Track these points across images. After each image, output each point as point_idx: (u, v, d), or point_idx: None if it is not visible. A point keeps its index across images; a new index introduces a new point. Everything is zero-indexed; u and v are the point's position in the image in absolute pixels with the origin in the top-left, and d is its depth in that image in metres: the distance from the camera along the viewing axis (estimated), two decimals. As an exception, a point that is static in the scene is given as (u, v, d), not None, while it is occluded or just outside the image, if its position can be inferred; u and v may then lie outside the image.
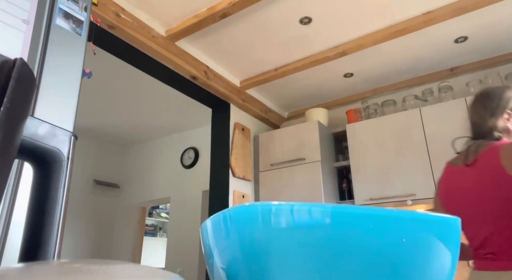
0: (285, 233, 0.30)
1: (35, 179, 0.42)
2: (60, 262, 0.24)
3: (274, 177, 3.09)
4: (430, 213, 0.31)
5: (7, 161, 0.31)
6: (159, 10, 2.30)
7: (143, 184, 4.75)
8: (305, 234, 0.30)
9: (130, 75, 3.21)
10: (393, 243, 0.29)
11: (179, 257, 3.98)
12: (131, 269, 0.23)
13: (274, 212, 0.30)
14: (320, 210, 0.30)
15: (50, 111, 0.76)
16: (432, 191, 2.51)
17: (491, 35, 2.55)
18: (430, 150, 2.58)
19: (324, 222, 0.29)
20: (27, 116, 0.38)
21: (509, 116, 1.26)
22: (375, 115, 3.08)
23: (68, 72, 0.82)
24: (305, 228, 0.30)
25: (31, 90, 0.35)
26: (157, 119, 4.22)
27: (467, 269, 2.53)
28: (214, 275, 0.36)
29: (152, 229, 6.66)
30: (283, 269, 0.30)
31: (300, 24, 2.41)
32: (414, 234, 0.30)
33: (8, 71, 0.30)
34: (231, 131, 3.12)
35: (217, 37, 2.56)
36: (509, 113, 1.26)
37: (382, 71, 2.98)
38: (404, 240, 0.29)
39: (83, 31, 0.87)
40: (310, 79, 3.11)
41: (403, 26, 2.36)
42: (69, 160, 0.44)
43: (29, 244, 0.40)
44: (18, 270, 0.21)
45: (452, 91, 2.82)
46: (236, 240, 0.32)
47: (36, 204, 0.41)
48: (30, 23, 0.77)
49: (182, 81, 2.74)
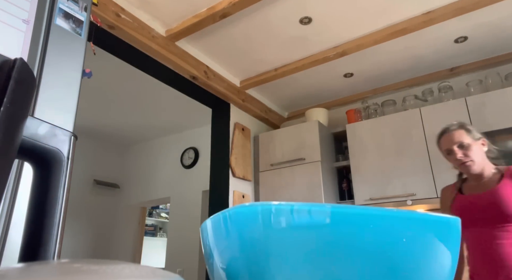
0: (285, 233, 0.30)
1: (35, 179, 0.42)
2: (60, 262, 0.24)
3: (274, 177, 3.09)
4: (430, 213, 0.31)
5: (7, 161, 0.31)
6: (159, 10, 2.30)
7: (143, 184, 4.75)
8: (305, 234, 0.30)
9: (130, 75, 3.21)
10: (393, 243, 0.29)
11: (179, 257, 3.98)
12: (131, 269, 0.23)
13: (274, 212, 0.30)
14: (320, 210, 0.30)
15: (50, 111, 0.76)
16: (432, 191, 2.50)
17: (491, 35, 2.55)
18: (430, 150, 2.58)
19: (324, 222, 0.29)
20: (27, 116, 0.38)
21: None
22: (375, 115, 3.08)
23: (68, 72, 0.82)
24: (305, 228, 0.30)
25: (31, 90, 0.35)
26: (157, 119, 4.22)
27: (467, 269, 2.52)
28: (214, 275, 0.36)
29: (152, 229, 6.66)
30: (283, 269, 0.30)
31: (300, 24, 2.41)
32: (414, 234, 0.30)
33: (8, 71, 0.30)
34: (231, 131, 3.12)
35: (217, 37, 2.56)
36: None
37: (382, 71, 2.98)
38: (404, 240, 0.29)
39: (83, 31, 0.87)
40: (310, 79, 3.11)
41: (403, 26, 2.36)
42: (69, 160, 0.44)
43: (29, 244, 0.40)
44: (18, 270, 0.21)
45: (452, 91, 2.82)
46: (236, 240, 0.32)
47: (36, 204, 0.41)
48: (30, 23, 0.77)
49: (182, 81, 2.74)
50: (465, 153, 1.46)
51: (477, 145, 1.48)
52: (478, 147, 1.48)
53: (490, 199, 1.37)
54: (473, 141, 1.48)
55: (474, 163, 1.45)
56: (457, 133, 1.49)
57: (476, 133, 1.50)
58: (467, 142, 1.47)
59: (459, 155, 1.46)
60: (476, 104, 2.51)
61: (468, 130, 1.50)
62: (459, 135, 1.48)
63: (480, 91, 2.67)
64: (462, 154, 1.46)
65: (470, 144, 1.47)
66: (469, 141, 1.47)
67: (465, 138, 1.47)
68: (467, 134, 1.48)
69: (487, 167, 1.47)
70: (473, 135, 1.49)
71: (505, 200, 1.33)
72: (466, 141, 1.47)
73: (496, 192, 1.37)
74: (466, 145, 1.46)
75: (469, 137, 1.48)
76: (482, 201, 1.40)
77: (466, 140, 1.47)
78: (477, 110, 2.50)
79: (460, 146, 1.47)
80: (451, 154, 1.50)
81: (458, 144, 1.47)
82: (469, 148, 1.46)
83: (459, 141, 1.47)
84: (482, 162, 1.46)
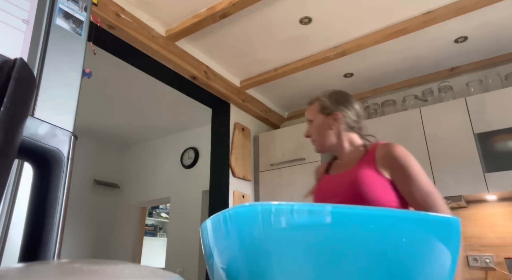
0: (285, 233, 0.30)
1: (35, 179, 0.42)
2: (60, 262, 0.24)
3: (274, 177, 3.09)
4: (430, 213, 0.31)
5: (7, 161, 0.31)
6: (159, 10, 2.30)
7: (143, 184, 4.75)
8: (305, 234, 0.30)
9: (130, 75, 3.21)
10: (393, 243, 0.29)
11: (179, 257, 3.98)
12: (131, 269, 0.23)
13: (274, 212, 0.30)
14: (320, 210, 0.30)
15: (50, 111, 0.76)
16: (432, 191, 2.50)
17: (491, 35, 2.55)
18: (430, 150, 2.58)
19: (324, 222, 0.29)
20: (27, 116, 0.38)
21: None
22: (375, 115, 3.08)
23: (68, 72, 0.82)
24: (305, 228, 0.30)
25: (31, 90, 0.35)
26: (157, 119, 4.22)
27: (467, 269, 2.53)
28: (214, 275, 0.36)
29: (152, 229, 6.66)
30: (283, 269, 0.30)
31: (300, 24, 2.41)
32: (414, 234, 0.30)
33: (8, 71, 0.30)
34: (231, 131, 3.12)
35: (217, 37, 2.56)
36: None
37: (382, 71, 2.98)
38: (404, 240, 0.29)
39: (83, 31, 0.87)
40: (310, 79, 3.11)
41: (403, 26, 2.36)
42: (69, 160, 0.44)
43: (29, 244, 0.40)
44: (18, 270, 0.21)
45: (452, 91, 2.82)
46: (236, 240, 0.32)
47: (36, 204, 0.41)
48: (30, 23, 0.77)
49: (182, 81, 2.74)
50: (309, 130, 1.31)
51: (323, 120, 1.28)
52: (323, 122, 1.28)
53: (346, 180, 1.14)
54: (320, 116, 1.29)
55: (315, 142, 1.30)
56: (309, 109, 1.33)
57: (333, 106, 1.28)
58: (310, 117, 1.31)
59: (305, 133, 1.33)
60: (476, 104, 2.51)
61: (322, 103, 1.30)
62: (309, 111, 1.33)
63: (480, 91, 2.67)
64: (307, 131, 1.32)
65: (312, 120, 1.30)
66: (312, 117, 1.30)
67: (311, 113, 1.31)
68: (318, 108, 1.30)
69: (347, 143, 1.27)
70: (327, 109, 1.29)
71: (360, 181, 1.09)
72: (309, 117, 1.32)
73: (352, 173, 1.14)
74: (310, 121, 1.32)
75: (319, 112, 1.29)
76: (336, 182, 1.18)
77: (310, 116, 1.31)
78: (477, 110, 2.50)
79: (309, 122, 1.33)
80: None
81: (308, 120, 1.33)
82: (312, 124, 1.31)
83: (307, 117, 1.33)
84: (329, 138, 1.27)
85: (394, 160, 1.09)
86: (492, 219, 2.54)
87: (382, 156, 1.12)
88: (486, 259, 2.46)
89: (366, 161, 1.15)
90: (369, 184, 1.08)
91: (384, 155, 1.11)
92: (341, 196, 1.12)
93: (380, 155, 1.12)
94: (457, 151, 2.48)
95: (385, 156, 1.11)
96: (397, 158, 1.09)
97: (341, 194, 1.12)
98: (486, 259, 2.46)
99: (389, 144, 1.14)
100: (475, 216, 2.61)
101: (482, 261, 2.47)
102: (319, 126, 1.28)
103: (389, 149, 1.12)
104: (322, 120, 1.28)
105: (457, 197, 2.42)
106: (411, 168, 1.07)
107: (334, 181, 1.19)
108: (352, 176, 1.12)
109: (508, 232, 2.47)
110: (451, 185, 2.44)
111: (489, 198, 2.53)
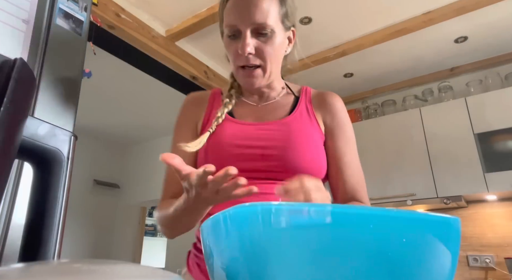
0: (285, 233, 0.30)
1: (35, 179, 0.42)
2: (60, 262, 0.24)
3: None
4: (430, 213, 0.31)
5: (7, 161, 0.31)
6: (159, 10, 2.30)
7: (143, 184, 4.75)
8: (305, 234, 0.30)
9: (130, 75, 3.21)
10: (393, 243, 0.29)
11: (179, 257, 3.98)
12: (131, 269, 0.23)
13: (274, 212, 0.30)
14: (320, 210, 0.30)
15: (50, 111, 0.76)
16: (432, 191, 2.51)
17: (491, 35, 2.55)
18: (430, 150, 2.58)
19: (324, 222, 0.29)
20: (27, 116, 0.38)
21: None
22: (375, 115, 3.08)
23: (68, 72, 0.82)
24: (305, 228, 0.30)
25: (31, 90, 0.35)
26: (157, 119, 4.22)
27: (467, 269, 2.53)
28: (214, 275, 0.36)
29: (152, 229, 6.66)
30: (283, 269, 0.30)
31: (300, 24, 2.40)
32: (414, 234, 0.30)
33: (8, 71, 0.30)
34: (231, 131, 3.11)
35: (217, 37, 2.56)
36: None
37: (382, 71, 2.98)
38: (404, 240, 0.29)
39: (83, 31, 0.87)
40: (310, 79, 3.11)
41: (403, 26, 2.36)
42: (69, 160, 0.44)
43: (29, 244, 0.40)
44: (18, 270, 0.21)
45: (452, 91, 2.82)
46: (236, 240, 0.32)
47: (36, 204, 0.41)
48: (30, 23, 0.77)
49: (182, 81, 2.74)
50: (259, 46, 0.77)
51: (284, 36, 0.82)
52: (284, 39, 0.82)
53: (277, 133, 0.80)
54: (281, 27, 0.80)
55: (265, 70, 0.81)
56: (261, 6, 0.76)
57: (293, 16, 0.84)
58: (262, 20, 0.75)
59: (248, 48, 0.76)
60: (476, 104, 2.51)
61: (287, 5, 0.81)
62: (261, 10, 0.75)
63: (480, 91, 2.68)
64: (253, 48, 0.77)
65: (274, 30, 0.77)
66: (270, 21, 0.76)
67: (269, 17, 0.76)
68: (280, 13, 0.79)
69: (278, 79, 0.91)
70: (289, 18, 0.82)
71: (301, 136, 0.80)
72: (261, 19, 0.75)
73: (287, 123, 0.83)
74: (268, 32, 0.77)
75: (280, 20, 0.79)
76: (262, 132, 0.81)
77: (263, 19, 0.75)
78: (477, 110, 2.50)
79: (256, 29, 0.77)
80: (235, 38, 0.81)
81: (256, 24, 0.76)
82: (270, 37, 0.77)
83: (259, 18, 0.75)
84: (277, 69, 0.86)
85: (337, 115, 0.87)
86: (492, 219, 2.54)
87: (323, 107, 0.88)
88: (486, 259, 2.46)
89: (302, 110, 0.87)
90: (309, 141, 0.80)
91: (325, 106, 0.88)
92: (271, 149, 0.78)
93: (320, 105, 0.88)
94: (457, 151, 2.48)
95: (327, 107, 0.88)
96: (340, 112, 0.88)
97: (271, 147, 0.78)
98: (486, 259, 2.46)
99: (329, 93, 0.91)
100: (475, 216, 2.61)
101: (482, 261, 2.47)
102: (280, 45, 0.81)
103: (332, 100, 0.89)
104: (283, 36, 0.82)
105: (457, 197, 2.42)
106: (351, 131, 0.87)
107: (259, 129, 0.82)
108: (287, 127, 0.81)
109: (508, 232, 2.47)
110: (451, 185, 2.44)
111: (489, 198, 2.53)
